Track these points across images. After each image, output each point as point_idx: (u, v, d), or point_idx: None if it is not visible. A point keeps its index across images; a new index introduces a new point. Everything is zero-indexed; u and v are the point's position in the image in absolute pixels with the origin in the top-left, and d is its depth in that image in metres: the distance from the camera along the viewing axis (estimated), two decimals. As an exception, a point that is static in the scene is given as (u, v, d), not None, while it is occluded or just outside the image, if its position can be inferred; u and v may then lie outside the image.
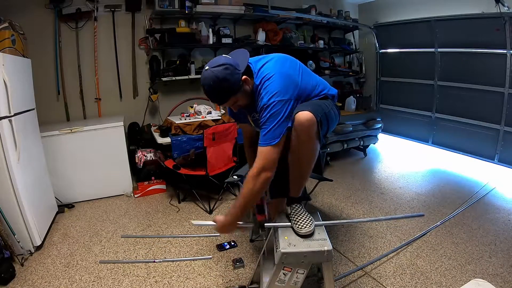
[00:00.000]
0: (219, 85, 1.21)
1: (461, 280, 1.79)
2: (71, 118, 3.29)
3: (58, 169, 2.78)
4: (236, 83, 1.24)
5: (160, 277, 1.88)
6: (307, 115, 1.24)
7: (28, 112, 2.29)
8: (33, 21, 2.91)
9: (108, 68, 3.38)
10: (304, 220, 1.37)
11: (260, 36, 3.82)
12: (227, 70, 1.20)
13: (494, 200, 2.87)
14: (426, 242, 2.21)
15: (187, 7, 3.31)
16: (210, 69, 1.22)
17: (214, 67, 1.21)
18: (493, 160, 3.52)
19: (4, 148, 1.92)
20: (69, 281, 1.86)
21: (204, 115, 3.20)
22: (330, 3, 4.50)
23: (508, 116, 3.30)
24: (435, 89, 4.01)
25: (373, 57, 4.76)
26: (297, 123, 1.26)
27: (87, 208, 2.86)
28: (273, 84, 1.26)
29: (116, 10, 3.29)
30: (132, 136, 3.40)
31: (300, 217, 1.39)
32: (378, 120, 4.13)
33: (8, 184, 1.97)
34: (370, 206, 2.81)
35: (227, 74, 1.20)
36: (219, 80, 1.20)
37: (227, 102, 1.30)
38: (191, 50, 3.64)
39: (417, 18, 3.98)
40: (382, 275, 1.87)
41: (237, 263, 1.95)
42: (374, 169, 3.89)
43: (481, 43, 3.41)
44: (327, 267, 1.33)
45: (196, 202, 2.90)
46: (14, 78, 2.01)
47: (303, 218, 1.38)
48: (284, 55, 1.40)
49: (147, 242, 2.27)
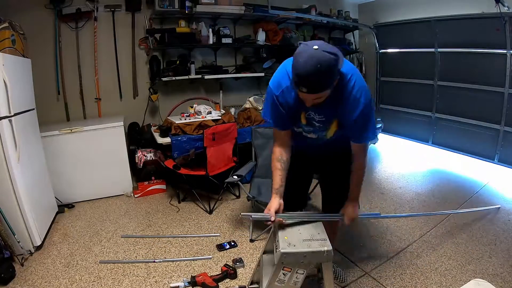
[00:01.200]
0: (328, 70, 1.04)
1: (461, 280, 1.79)
2: (71, 118, 3.29)
3: (58, 169, 2.78)
4: (337, 76, 1.11)
5: (160, 277, 1.88)
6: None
7: (28, 112, 2.29)
8: (33, 21, 2.91)
9: (108, 68, 3.37)
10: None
11: (260, 36, 3.82)
12: (338, 60, 1.05)
13: (494, 200, 2.87)
14: (426, 242, 2.21)
15: (187, 7, 3.31)
16: (322, 51, 1.02)
17: (327, 52, 1.03)
18: (493, 160, 3.52)
19: (4, 148, 1.92)
20: (69, 281, 1.86)
21: (204, 115, 3.20)
22: (330, 3, 4.49)
23: (508, 116, 3.31)
24: (435, 89, 4.01)
25: (373, 57, 4.76)
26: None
27: (87, 208, 2.86)
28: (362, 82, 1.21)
29: (116, 10, 3.29)
30: (132, 136, 3.39)
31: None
32: (378, 120, 4.13)
33: (8, 184, 1.97)
34: (370, 206, 2.80)
35: (338, 63, 1.05)
36: (329, 66, 1.03)
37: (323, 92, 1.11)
38: (191, 50, 3.64)
39: (417, 18, 3.98)
40: (382, 275, 1.87)
41: (237, 263, 1.96)
42: (374, 169, 3.88)
43: (481, 43, 3.41)
44: (327, 267, 1.33)
45: (196, 202, 2.90)
46: (14, 78, 2.01)
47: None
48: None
49: (147, 242, 2.27)
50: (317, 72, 1.03)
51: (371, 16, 4.61)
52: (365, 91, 1.21)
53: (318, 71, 1.02)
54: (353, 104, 1.20)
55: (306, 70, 1.03)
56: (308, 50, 1.04)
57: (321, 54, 1.02)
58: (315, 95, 1.11)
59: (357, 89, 1.19)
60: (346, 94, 1.20)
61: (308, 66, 1.03)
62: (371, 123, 1.28)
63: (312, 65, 1.02)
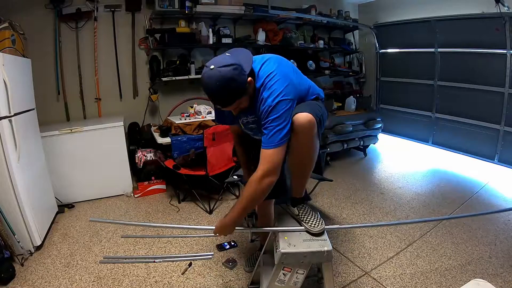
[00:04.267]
0: (226, 86, 1.12)
1: (461, 280, 1.79)
2: (71, 118, 3.29)
3: (58, 169, 2.78)
4: (243, 85, 1.17)
5: (160, 277, 1.88)
6: (308, 116, 1.22)
7: (28, 112, 2.29)
8: (33, 21, 2.91)
9: (108, 68, 3.38)
10: (314, 219, 1.40)
11: (260, 36, 3.82)
12: (236, 70, 1.12)
13: (494, 200, 2.87)
14: (426, 242, 2.21)
15: (187, 7, 3.31)
16: (217, 69, 1.12)
17: (221, 67, 1.11)
18: (493, 160, 3.51)
19: (4, 148, 1.92)
20: (69, 281, 1.86)
21: (204, 115, 3.20)
22: (330, 3, 4.49)
23: (508, 116, 3.30)
24: (435, 89, 4.01)
25: (373, 57, 4.76)
26: (297, 124, 1.22)
27: (87, 208, 2.86)
28: (276, 84, 1.21)
29: (116, 10, 3.29)
30: (132, 136, 3.40)
31: (310, 216, 1.41)
32: (378, 120, 4.13)
33: (8, 184, 1.97)
34: (370, 206, 2.80)
35: (235, 75, 1.12)
36: (226, 81, 1.11)
37: (232, 105, 1.21)
38: (191, 50, 3.64)
39: (417, 18, 3.98)
40: (382, 275, 1.87)
41: (230, 263, 1.96)
42: (374, 169, 3.89)
43: (481, 43, 3.41)
44: (327, 268, 1.33)
45: (196, 202, 2.90)
46: (14, 78, 2.01)
47: (313, 217, 1.41)
48: (278, 56, 1.35)
49: (147, 242, 2.27)
50: (218, 90, 1.13)
51: (371, 16, 4.61)
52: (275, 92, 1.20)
53: (219, 88, 1.13)
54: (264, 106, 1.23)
55: (209, 90, 1.15)
56: (206, 71, 1.15)
57: (217, 72, 1.11)
58: (230, 107, 1.23)
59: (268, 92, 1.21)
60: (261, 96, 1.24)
61: (209, 86, 1.14)
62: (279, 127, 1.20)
63: (212, 84, 1.12)
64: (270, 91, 1.21)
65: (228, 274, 1.89)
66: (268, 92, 1.22)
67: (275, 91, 1.21)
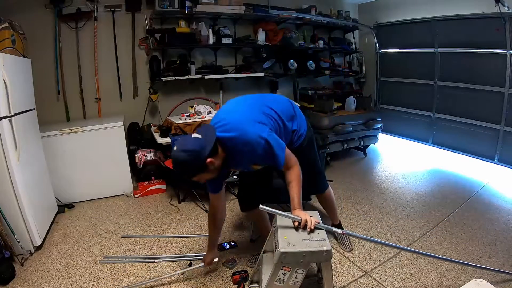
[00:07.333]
0: (183, 167, 1.32)
1: (461, 280, 1.79)
2: (71, 118, 3.29)
3: (58, 169, 2.78)
4: (199, 166, 1.31)
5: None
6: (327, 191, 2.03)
7: (28, 112, 2.29)
8: (33, 21, 2.91)
9: (108, 68, 3.38)
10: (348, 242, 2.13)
11: (260, 36, 3.82)
12: (191, 157, 1.29)
13: (494, 200, 2.87)
14: (426, 242, 2.21)
15: (187, 7, 3.31)
16: (178, 152, 1.30)
17: (181, 151, 1.30)
18: (493, 160, 3.51)
19: (4, 148, 1.92)
20: (69, 281, 1.86)
21: (204, 115, 3.20)
22: (330, 3, 4.50)
23: (508, 116, 3.30)
24: (435, 89, 4.01)
25: (373, 57, 4.76)
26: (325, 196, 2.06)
27: (87, 208, 2.86)
28: (244, 137, 1.36)
29: (116, 10, 3.29)
30: (132, 136, 3.40)
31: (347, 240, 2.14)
32: (378, 120, 4.12)
33: (8, 184, 1.97)
34: (370, 206, 2.80)
35: (190, 160, 1.29)
36: (182, 165, 1.31)
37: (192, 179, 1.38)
38: (191, 50, 3.64)
39: (417, 18, 3.98)
40: (382, 275, 1.87)
41: (229, 263, 1.97)
42: (374, 169, 3.89)
43: (481, 43, 3.41)
44: (327, 267, 1.33)
45: (196, 202, 2.90)
46: (14, 78, 2.01)
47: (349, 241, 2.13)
48: (236, 99, 1.60)
49: (147, 242, 2.27)
50: (181, 168, 1.33)
51: (371, 16, 4.61)
52: (251, 143, 1.36)
53: (178, 168, 1.33)
54: (252, 159, 1.44)
55: (174, 166, 1.36)
56: (172, 150, 1.36)
57: (177, 154, 1.30)
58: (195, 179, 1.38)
59: (246, 145, 1.36)
60: (238, 151, 1.39)
61: (173, 163, 1.36)
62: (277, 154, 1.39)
63: (174, 163, 1.34)
64: (247, 148, 1.36)
65: (228, 274, 1.89)
66: (245, 150, 1.37)
67: (248, 148, 1.36)
